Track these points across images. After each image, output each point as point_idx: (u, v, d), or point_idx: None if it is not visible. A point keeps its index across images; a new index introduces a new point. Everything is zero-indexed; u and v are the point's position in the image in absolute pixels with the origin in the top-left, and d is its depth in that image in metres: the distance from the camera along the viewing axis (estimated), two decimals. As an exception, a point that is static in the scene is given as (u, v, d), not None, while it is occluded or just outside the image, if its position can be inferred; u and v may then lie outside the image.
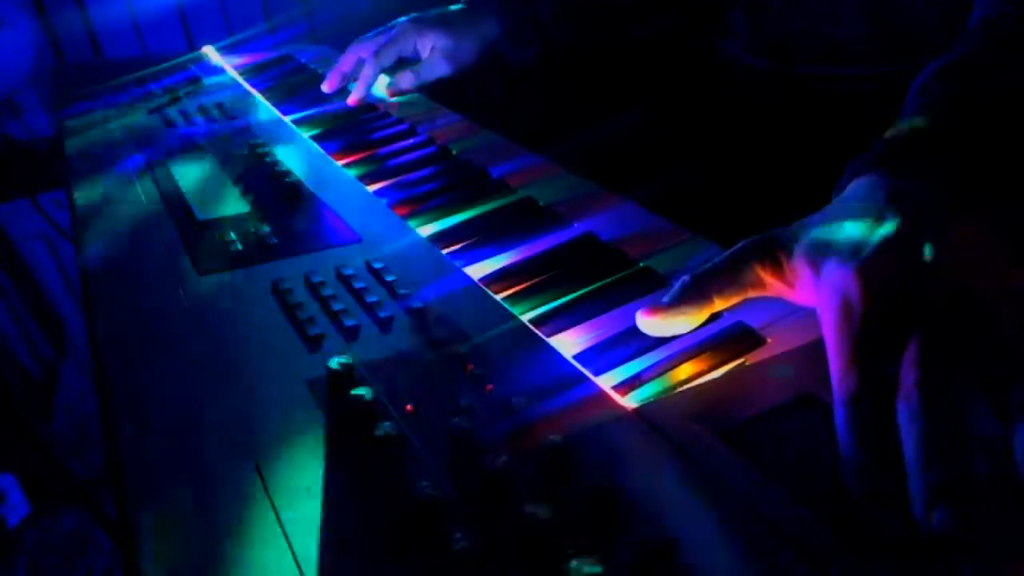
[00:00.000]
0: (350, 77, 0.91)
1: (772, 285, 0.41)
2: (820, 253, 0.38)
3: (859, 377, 0.32)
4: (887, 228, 0.37)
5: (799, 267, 0.39)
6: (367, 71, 0.88)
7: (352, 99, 0.89)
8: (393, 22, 0.91)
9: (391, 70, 0.91)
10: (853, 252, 0.36)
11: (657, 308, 0.41)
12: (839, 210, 0.40)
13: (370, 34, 0.92)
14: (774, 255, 0.40)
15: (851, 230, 0.38)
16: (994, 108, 0.42)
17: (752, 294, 0.41)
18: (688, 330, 0.41)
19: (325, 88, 0.92)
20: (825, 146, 0.71)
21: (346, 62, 0.91)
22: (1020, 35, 0.47)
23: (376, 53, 0.88)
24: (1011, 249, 0.36)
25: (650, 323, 0.41)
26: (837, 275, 0.36)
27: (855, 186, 0.42)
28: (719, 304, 0.41)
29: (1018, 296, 0.34)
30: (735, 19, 0.80)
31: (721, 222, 0.54)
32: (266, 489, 0.33)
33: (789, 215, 0.43)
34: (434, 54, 0.89)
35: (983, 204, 0.38)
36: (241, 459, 0.35)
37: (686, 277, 0.41)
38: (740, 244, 0.42)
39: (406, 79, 0.89)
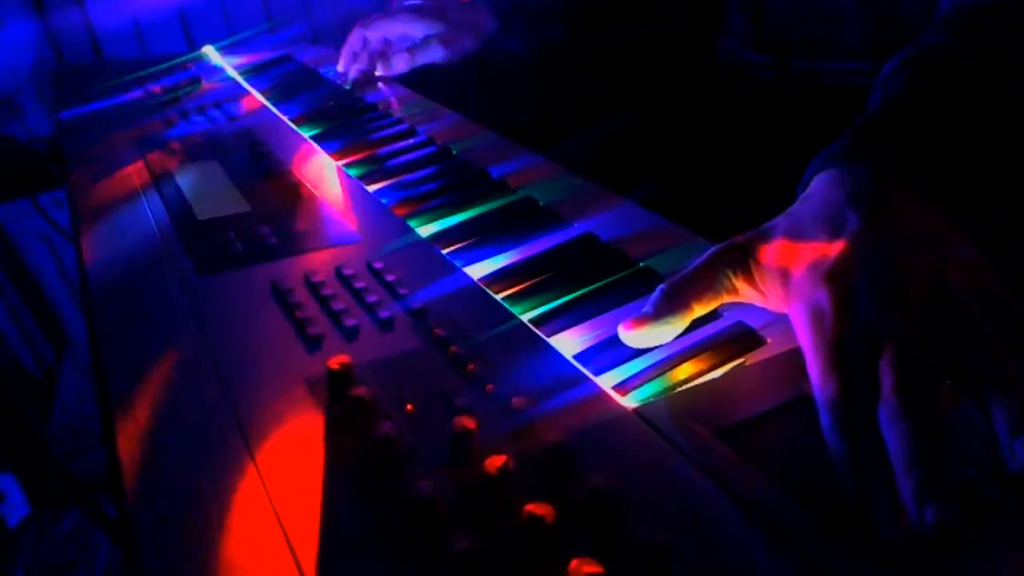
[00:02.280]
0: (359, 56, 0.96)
1: (745, 291, 0.41)
2: (787, 260, 0.38)
3: (837, 383, 0.32)
4: (849, 231, 0.36)
5: (768, 276, 0.39)
6: (360, 45, 0.94)
7: (352, 73, 0.94)
8: (393, 7, 0.94)
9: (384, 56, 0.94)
10: (819, 259, 0.36)
11: (640, 320, 0.41)
12: (802, 212, 0.40)
13: (372, 16, 0.95)
14: (744, 262, 0.40)
15: (815, 235, 0.38)
16: (953, 99, 0.42)
17: (728, 300, 0.41)
18: (671, 339, 0.41)
19: (340, 68, 0.96)
20: (825, 143, 0.71)
21: (353, 42, 0.94)
22: (979, 27, 0.47)
23: (368, 27, 0.93)
24: (977, 240, 0.36)
25: (633, 336, 0.41)
26: (806, 284, 0.36)
27: (817, 184, 0.42)
28: (698, 310, 0.41)
29: (986, 286, 0.34)
30: (734, 17, 0.80)
31: (721, 222, 0.54)
32: (266, 489, 0.33)
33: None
34: (430, 40, 0.92)
35: (947, 196, 0.38)
36: (241, 459, 0.35)
37: (664, 286, 0.41)
38: (711, 251, 0.41)
39: (401, 59, 0.93)
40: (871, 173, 0.39)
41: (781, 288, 0.38)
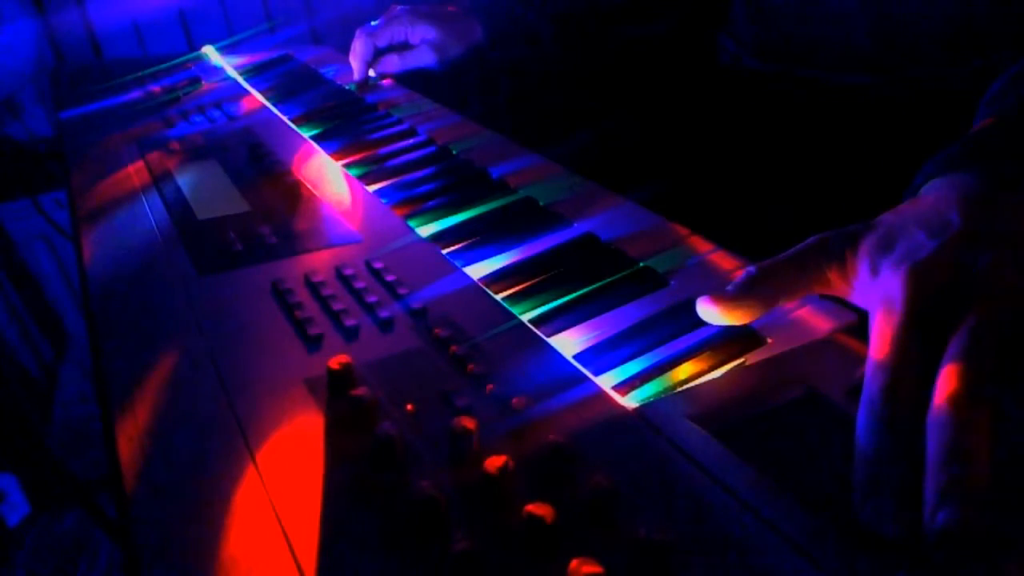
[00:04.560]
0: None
1: (836, 284, 0.39)
2: (880, 254, 0.37)
3: (887, 379, 0.32)
4: (949, 232, 0.36)
5: (860, 267, 0.38)
6: (362, 48, 0.95)
7: (356, 78, 0.97)
8: (391, 12, 0.96)
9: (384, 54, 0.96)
10: (909, 254, 0.35)
11: (720, 298, 0.39)
12: (908, 211, 0.39)
13: (372, 23, 0.98)
14: (842, 254, 0.39)
15: (914, 232, 0.37)
16: None
17: (816, 291, 0.40)
18: (747, 322, 0.40)
19: (356, 78, 0.97)
20: (824, 149, 0.71)
21: (361, 49, 0.96)
22: None
23: (371, 33, 0.95)
24: None
25: (710, 312, 0.40)
26: (887, 275, 0.35)
27: (928, 188, 0.41)
28: (783, 301, 0.40)
29: None
30: (738, 22, 0.80)
31: (721, 222, 0.54)
32: (266, 489, 0.33)
33: (789, 215, 0.43)
34: (422, 45, 0.94)
35: None
36: (240, 459, 0.35)
37: (752, 269, 0.40)
38: (811, 239, 0.40)
39: (390, 62, 0.95)
40: (981, 179, 0.39)
41: (868, 280, 0.37)
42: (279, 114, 0.87)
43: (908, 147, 0.50)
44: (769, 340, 0.41)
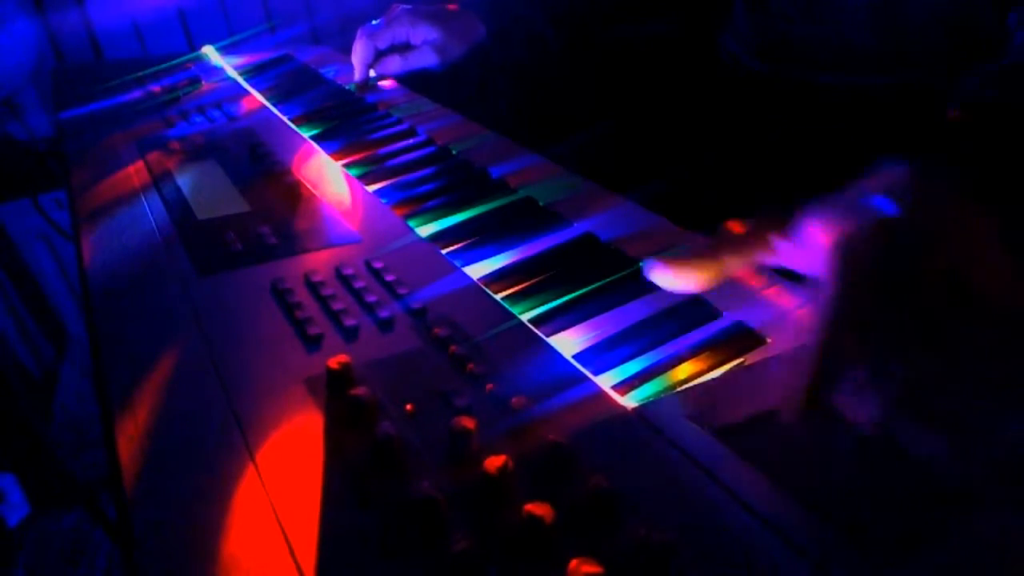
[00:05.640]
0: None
1: (782, 249, 0.40)
2: (828, 217, 0.38)
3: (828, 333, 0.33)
4: (897, 207, 0.36)
5: (808, 230, 0.39)
6: (363, 50, 0.94)
7: (356, 79, 0.96)
8: (391, 13, 0.95)
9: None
10: (856, 217, 0.36)
11: (669, 259, 0.40)
12: (860, 186, 0.40)
13: (372, 24, 0.97)
14: (787, 221, 0.40)
15: (864, 202, 0.38)
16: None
17: (764, 259, 0.41)
18: (697, 290, 0.41)
19: (357, 78, 0.97)
20: (825, 150, 0.71)
21: (362, 52, 0.96)
22: None
23: (372, 35, 0.94)
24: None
25: (660, 274, 0.41)
26: (837, 235, 0.36)
27: (884, 171, 0.42)
28: (731, 266, 0.40)
29: (1012, 301, 0.33)
30: (739, 23, 0.80)
31: (721, 222, 0.54)
32: (265, 489, 0.33)
33: (789, 215, 0.43)
34: (423, 46, 0.93)
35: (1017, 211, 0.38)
36: (241, 459, 0.35)
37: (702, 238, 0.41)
38: (759, 212, 0.41)
39: (393, 62, 0.94)
40: (946, 173, 0.40)
41: (817, 243, 0.38)
42: (279, 114, 0.87)
43: (909, 148, 0.50)
44: (769, 340, 0.41)
